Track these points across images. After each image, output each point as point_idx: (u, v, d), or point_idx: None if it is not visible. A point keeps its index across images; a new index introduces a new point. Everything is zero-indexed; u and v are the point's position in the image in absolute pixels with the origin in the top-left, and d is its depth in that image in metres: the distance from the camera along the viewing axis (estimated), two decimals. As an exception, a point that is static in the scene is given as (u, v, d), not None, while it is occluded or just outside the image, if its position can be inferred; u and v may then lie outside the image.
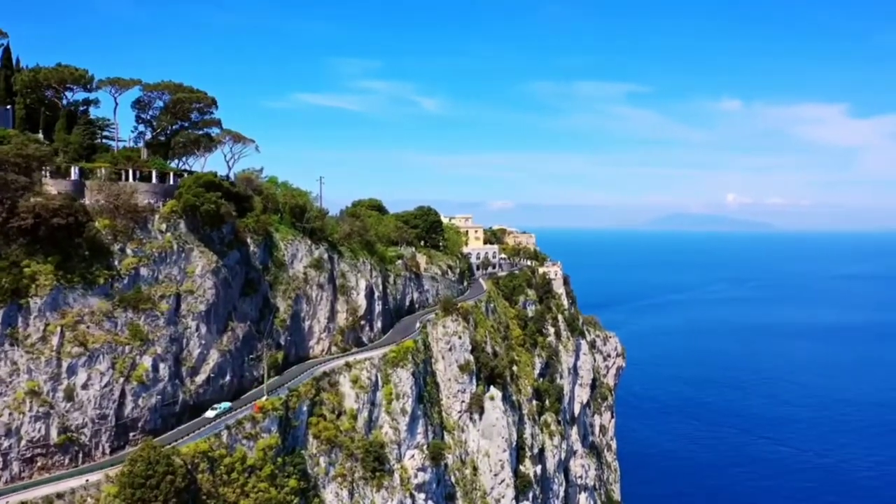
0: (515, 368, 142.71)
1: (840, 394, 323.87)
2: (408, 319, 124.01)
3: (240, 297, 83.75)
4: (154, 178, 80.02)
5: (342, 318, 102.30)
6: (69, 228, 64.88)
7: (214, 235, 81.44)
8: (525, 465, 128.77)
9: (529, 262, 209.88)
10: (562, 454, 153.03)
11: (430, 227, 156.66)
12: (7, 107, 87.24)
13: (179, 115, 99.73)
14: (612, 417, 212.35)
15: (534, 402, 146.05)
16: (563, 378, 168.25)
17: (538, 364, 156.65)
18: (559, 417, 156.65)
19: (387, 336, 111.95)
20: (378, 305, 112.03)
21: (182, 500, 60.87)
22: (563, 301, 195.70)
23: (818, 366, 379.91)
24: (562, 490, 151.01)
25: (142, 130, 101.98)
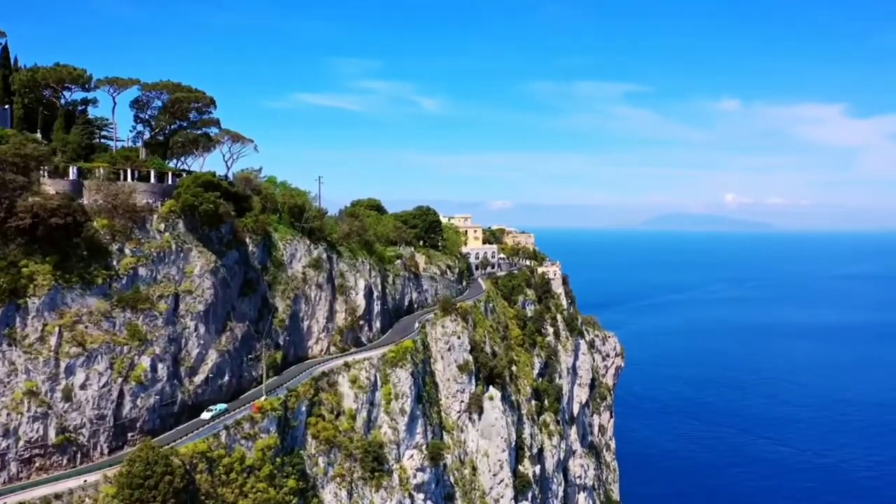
0: (514, 368, 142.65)
1: (840, 394, 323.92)
2: (407, 319, 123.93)
3: (238, 297, 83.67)
4: (152, 178, 79.92)
5: (341, 318, 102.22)
6: (67, 228, 64.76)
7: (213, 235, 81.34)
8: (524, 465, 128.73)
9: (528, 262, 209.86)
10: (561, 454, 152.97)
11: (429, 227, 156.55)
12: (5, 106, 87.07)
13: (178, 115, 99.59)
14: (611, 417, 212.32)
15: (533, 402, 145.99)
16: (562, 378, 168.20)
17: (537, 364, 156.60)
18: (558, 417, 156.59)
19: (386, 336, 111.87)
20: (377, 305, 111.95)
21: (180, 501, 60.75)
22: (562, 301, 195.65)
23: (818, 366, 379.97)
24: (561, 490, 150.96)
25: (140, 130, 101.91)
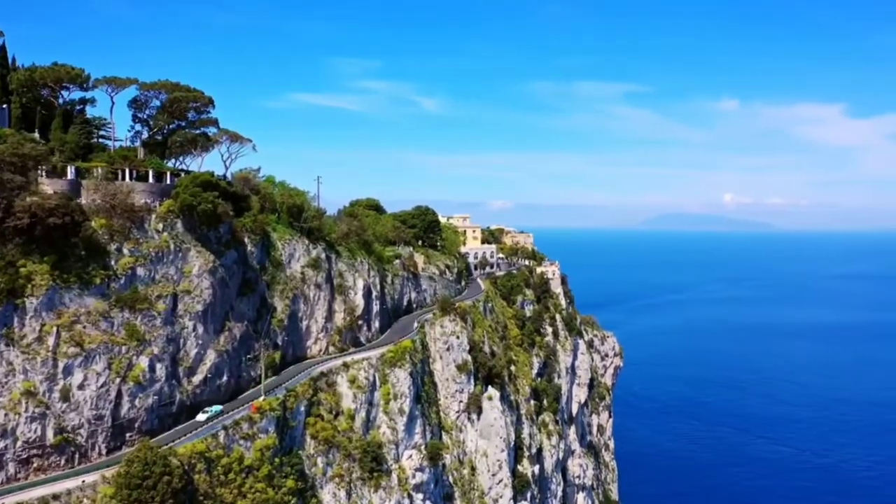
0: (513, 368, 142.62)
1: (838, 393, 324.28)
2: (405, 319, 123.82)
3: (237, 297, 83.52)
4: (151, 178, 79.76)
5: (340, 318, 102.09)
6: (65, 228, 64.62)
7: (211, 235, 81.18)
8: (523, 465, 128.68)
9: (527, 262, 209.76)
10: (560, 454, 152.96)
11: (428, 227, 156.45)
12: (3, 106, 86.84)
13: (176, 115, 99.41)
14: (610, 417, 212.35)
15: (532, 402, 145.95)
16: (561, 378, 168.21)
17: (536, 364, 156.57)
18: (557, 417, 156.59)
19: (384, 336, 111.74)
20: (376, 305, 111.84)
21: (179, 501, 60.59)
22: (561, 301, 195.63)
23: (817, 365, 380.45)
24: (560, 490, 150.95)
25: (138, 130, 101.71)
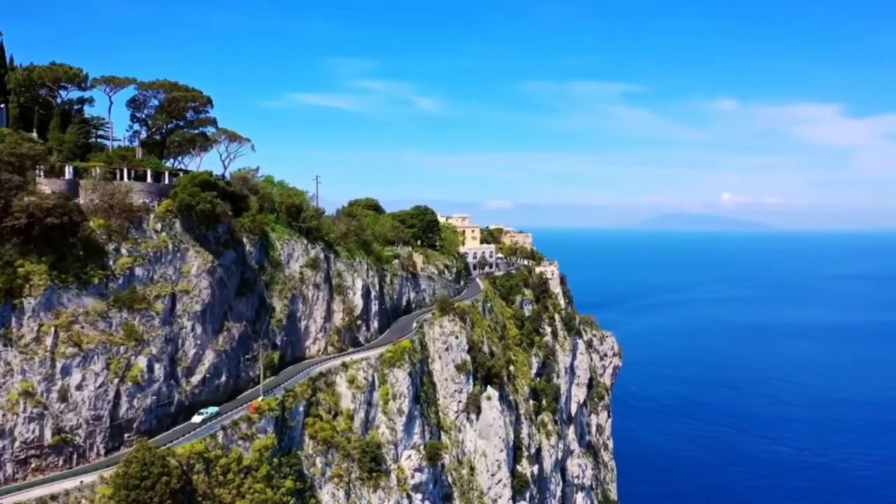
0: (512, 368, 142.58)
1: (837, 393, 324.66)
2: (404, 319, 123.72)
3: (235, 297, 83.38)
4: (149, 178, 79.56)
5: (338, 318, 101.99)
6: (63, 228, 64.49)
7: (210, 235, 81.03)
8: (522, 465, 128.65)
9: (526, 262, 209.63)
10: (558, 454, 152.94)
11: (427, 227, 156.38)
12: (0, 105, 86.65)
13: (175, 114, 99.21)
14: (609, 417, 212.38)
15: (531, 402, 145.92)
16: (560, 378, 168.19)
17: (535, 364, 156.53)
18: (556, 417, 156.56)
19: (383, 336, 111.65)
20: (374, 305, 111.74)
21: (177, 502, 60.48)
22: (560, 300, 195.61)
23: (815, 365, 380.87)
24: (559, 490, 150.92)
25: (137, 129, 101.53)
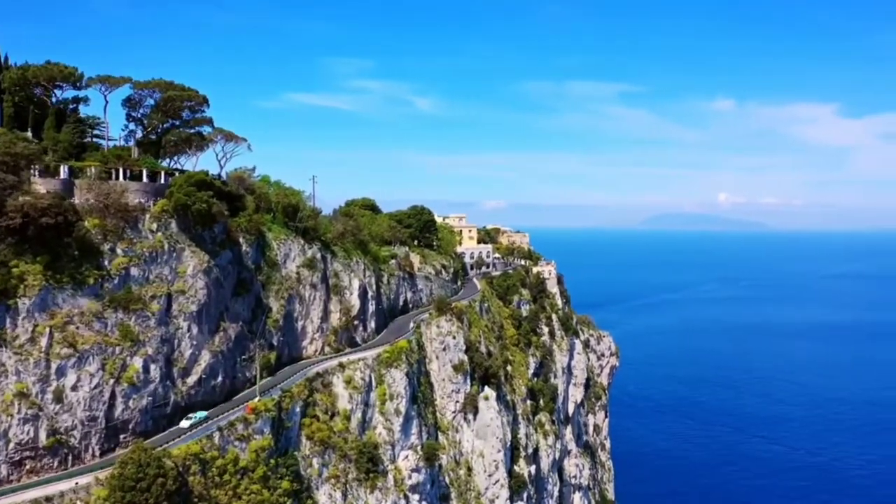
0: (510, 368, 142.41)
1: (833, 393, 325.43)
2: (401, 319, 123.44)
3: (232, 298, 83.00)
4: (145, 177, 79.23)
5: (335, 318, 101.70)
6: (58, 228, 64.06)
7: (206, 235, 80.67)
8: (519, 466, 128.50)
9: (523, 262, 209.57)
10: (556, 454, 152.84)
11: (424, 227, 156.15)
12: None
13: (170, 114, 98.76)
14: (606, 417, 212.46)
15: (528, 402, 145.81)
16: (558, 378, 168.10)
17: (532, 364, 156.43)
18: (553, 417, 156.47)
19: (380, 336, 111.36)
20: (371, 305, 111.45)
21: (173, 503, 60.17)
22: (557, 300, 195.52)
23: (811, 365, 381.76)
24: (556, 490, 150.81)
25: (132, 129, 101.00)
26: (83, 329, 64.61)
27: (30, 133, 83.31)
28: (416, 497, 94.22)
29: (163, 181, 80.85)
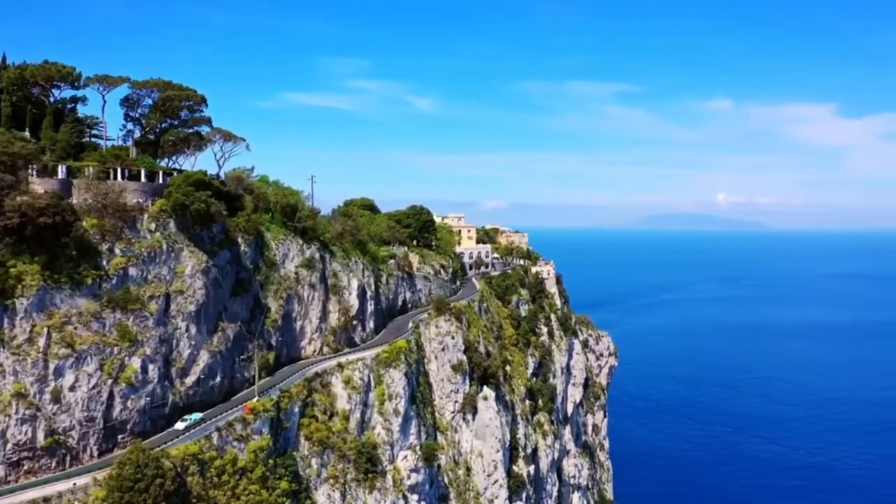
0: (508, 368, 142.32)
1: (831, 392, 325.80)
2: (400, 319, 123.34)
3: (230, 298, 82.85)
4: (143, 177, 79.07)
5: (334, 319, 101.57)
6: (56, 228, 63.89)
7: (204, 235, 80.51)
8: (518, 466, 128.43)
9: (522, 262, 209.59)
10: (555, 454, 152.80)
11: (423, 227, 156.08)
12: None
13: (169, 113, 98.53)
14: (605, 417, 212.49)
15: (527, 402, 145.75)
16: (556, 378, 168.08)
17: (531, 364, 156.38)
18: (552, 417, 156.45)
19: (379, 336, 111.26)
20: (370, 305, 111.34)
21: (171, 504, 60.06)
22: (556, 300, 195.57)
23: (810, 365, 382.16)
24: (555, 490, 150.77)
25: (130, 129, 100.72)
26: (81, 329, 64.45)
27: (27, 133, 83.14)
28: (415, 497, 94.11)
29: (161, 181, 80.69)
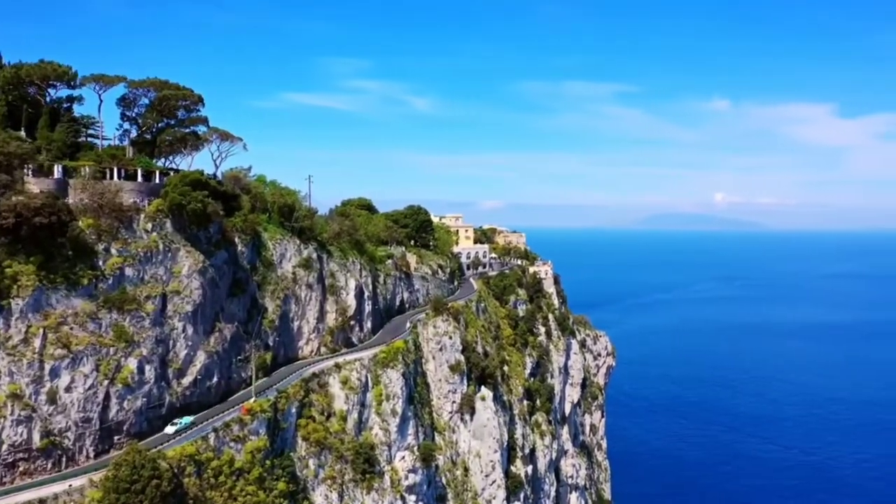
0: (506, 368, 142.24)
1: (827, 392, 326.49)
2: (398, 319, 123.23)
3: (227, 298, 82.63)
4: (139, 177, 78.75)
5: (332, 319, 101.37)
6: (52, 228, 63.60)
7: (201, 235, 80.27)
8: (516, 466, 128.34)
9: (520, 262, 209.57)
10: (552, 454, 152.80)
11: (421, 227, 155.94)
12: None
13: (165, 113, 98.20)
14: (603, 416, 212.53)
15: (525, 402, 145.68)
16: (554, 378, 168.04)
17: (529, 364, 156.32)
18: (550, 417, 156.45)
19: (377, 336, 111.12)
20: (368, 305, 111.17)
21: (168, 505, 59.79)
22: (554, 300, 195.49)
23: (806, 364, 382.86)
24: (553, 490, 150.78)
25: (127, 128, 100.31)
26: (77, 330, 64.17)
27: (23, 132, 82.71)
28: (413, 498, 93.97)
29: (158, 181, 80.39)
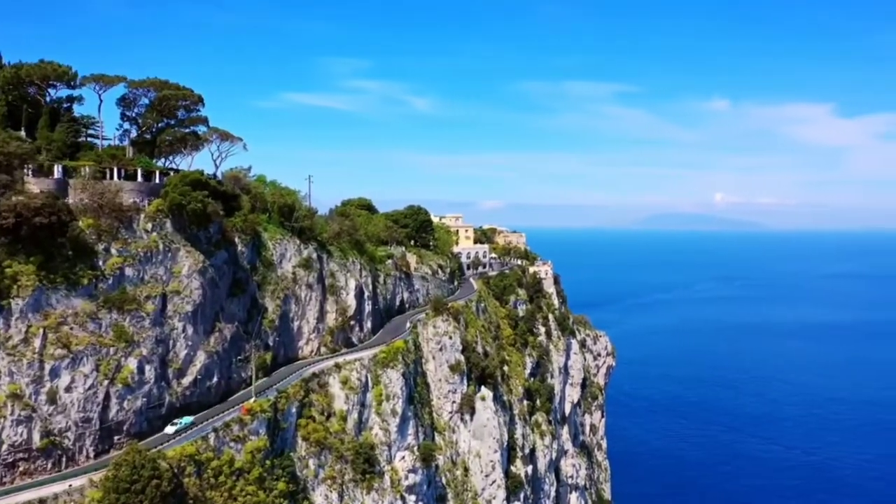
0: (506, 368, 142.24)
1: (828, 392, 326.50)
2: (398, 319, 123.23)
3: (227, 298, 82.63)
4: (139, 177, 78.73)
5: (332, 319, 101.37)
6: (52, 228, 63.59)
7: (201, 235, 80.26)
8: (516, 466, 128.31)
9: (520, 262, 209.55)
10: (553, 454, 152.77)
11: (421, 227, 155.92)
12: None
13: (165, 113, 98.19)
14: (603, 416, 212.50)
15: (525, 402, 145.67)
16: (554, 377, 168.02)
17: (529, 364, 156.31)
18: (550, 417, 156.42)
19: (377, 336, 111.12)
20: (368, 305, 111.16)
21: (168, 505, 59.76)
22: (554, 300, 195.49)
23: (806, 364, 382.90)
24: (553, 490, 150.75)
25: (127, 128, 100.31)
26: (77, 330, 64.16)
27: (23, 132, 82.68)
28: (413, 498, 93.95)
29: (158, 181, 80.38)
